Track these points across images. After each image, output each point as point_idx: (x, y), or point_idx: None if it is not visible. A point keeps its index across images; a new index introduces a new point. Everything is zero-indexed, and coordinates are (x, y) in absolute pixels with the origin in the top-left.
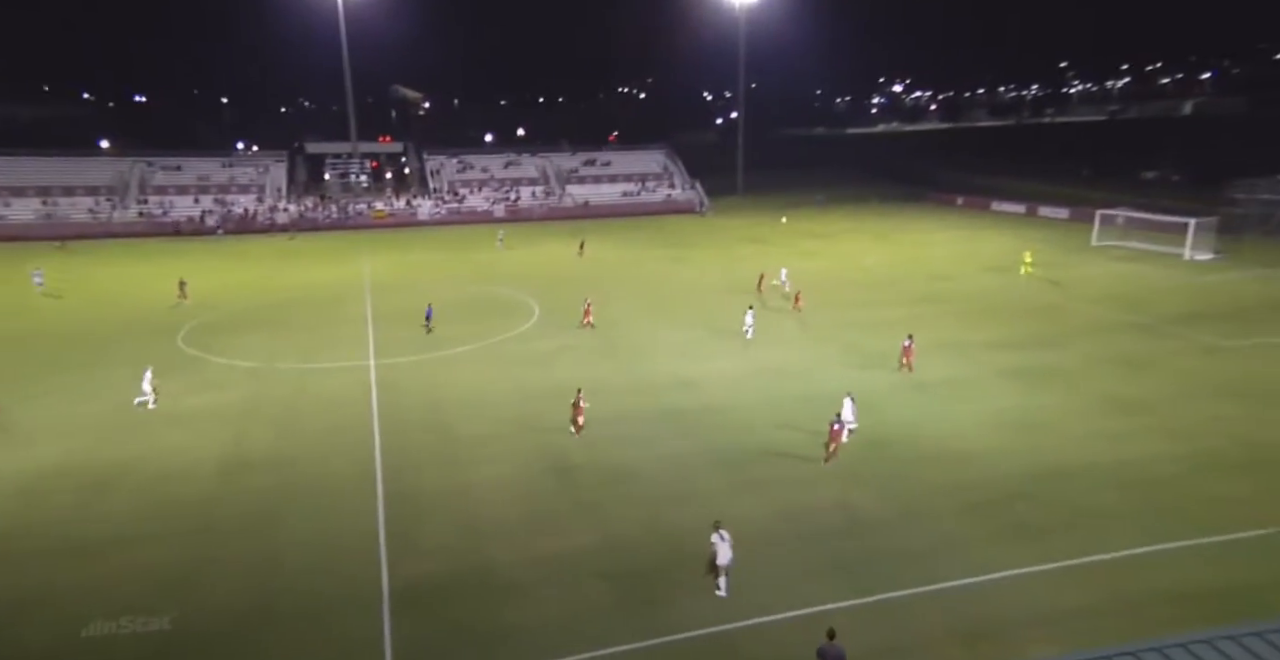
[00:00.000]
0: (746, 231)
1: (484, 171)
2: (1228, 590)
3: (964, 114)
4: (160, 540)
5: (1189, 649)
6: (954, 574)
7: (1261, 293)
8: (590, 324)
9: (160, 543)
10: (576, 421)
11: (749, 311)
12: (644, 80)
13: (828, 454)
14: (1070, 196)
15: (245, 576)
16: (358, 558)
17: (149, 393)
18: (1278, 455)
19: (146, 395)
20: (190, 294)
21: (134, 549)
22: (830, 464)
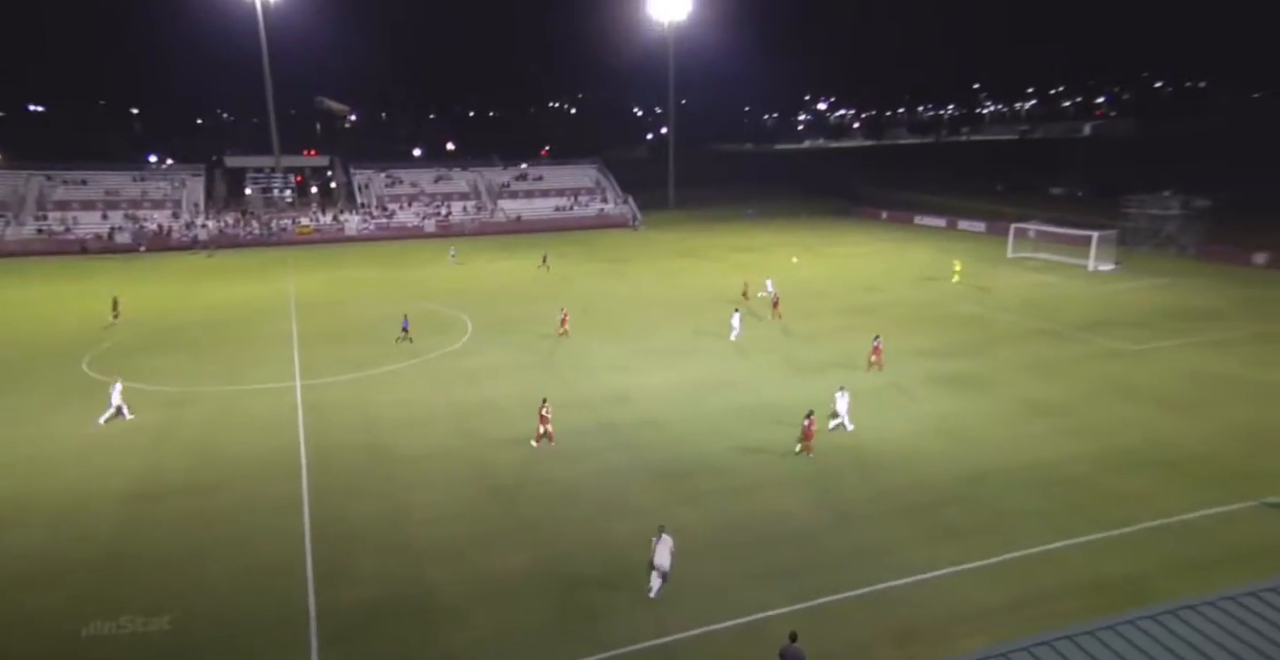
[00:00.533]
0: (680, 246)
1: (414, 186)
2: (1131, 579)
3: (886, 132)
4: (63, 579)
5: (1096, 636)
6: (887, 576)
7: (1155, 300)
8: (566, 332)
9: (63, 582)
10: (542, 431)
11: (735, 314)
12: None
13: (804, 446)
14: (986, 211)
15: (158, 612)
16: (284, 587)
17: (115, 404)
18: (1174, 452)
19: (112, 408)
20: (124, 312)
21: (34, 590)
22: (807, 455)
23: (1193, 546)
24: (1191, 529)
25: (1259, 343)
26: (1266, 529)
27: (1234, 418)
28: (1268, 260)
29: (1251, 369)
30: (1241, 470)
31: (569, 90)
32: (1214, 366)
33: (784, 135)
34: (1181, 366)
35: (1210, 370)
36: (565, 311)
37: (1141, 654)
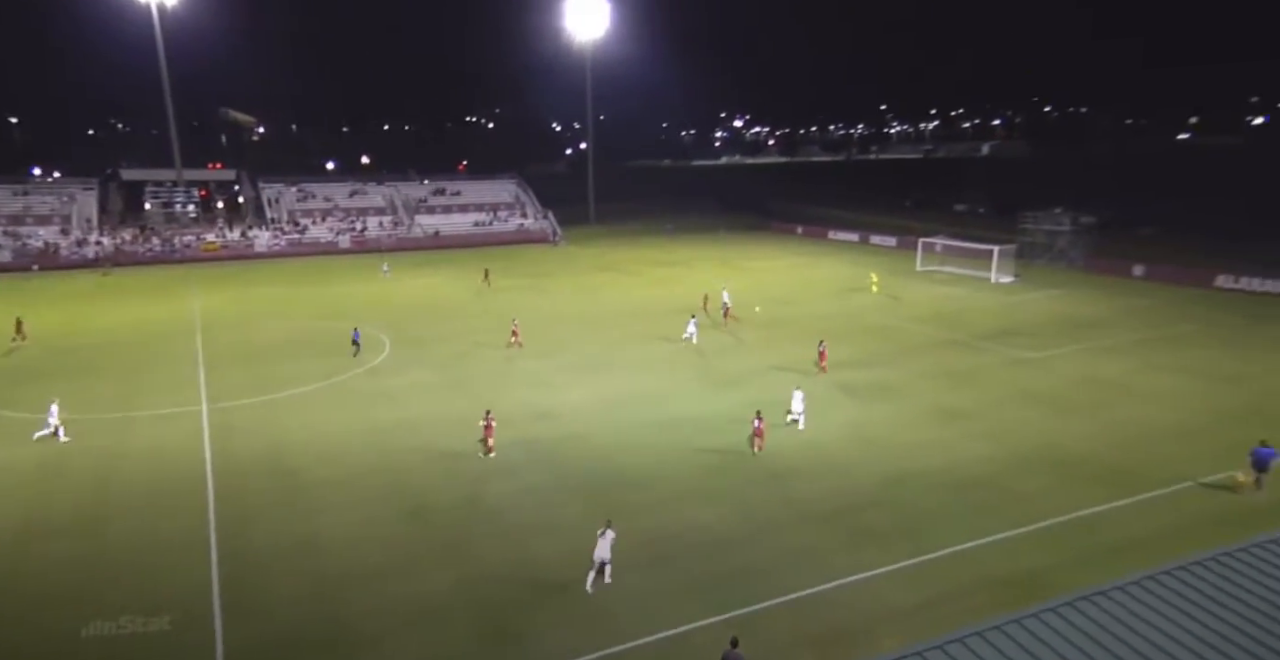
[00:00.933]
0: (601, 260)
1: (327, 201)
2: (1036, 573)
3: (799, 149)
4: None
5: (1003, 630)
6: (808, 583)
7: (1051, 310)
8: (519, 343)
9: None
10: (487, 443)
11: (692, 320)
12: (493, 110)
13: (756, 445)
14: (896, 226)
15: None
16: (188, 625)
17: (52, 424)
18: (1070, 452)
19: (50, 426)
20: (28, 333)
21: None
22: (757, 452)
23: (1089, 540)
24: (1087, 524)
25: (1142, 348)
26: (1151, 521)
27: (1122, 418)
28: (1145, 272)
29: (1137, 373)
30: (1129, 467)
31: (487, 105)
32: (1104, 371)
33: (701, 151)
34: (1075, 372)
35: (1100, 375)
36: (517, 322)
37: (1044, 645)
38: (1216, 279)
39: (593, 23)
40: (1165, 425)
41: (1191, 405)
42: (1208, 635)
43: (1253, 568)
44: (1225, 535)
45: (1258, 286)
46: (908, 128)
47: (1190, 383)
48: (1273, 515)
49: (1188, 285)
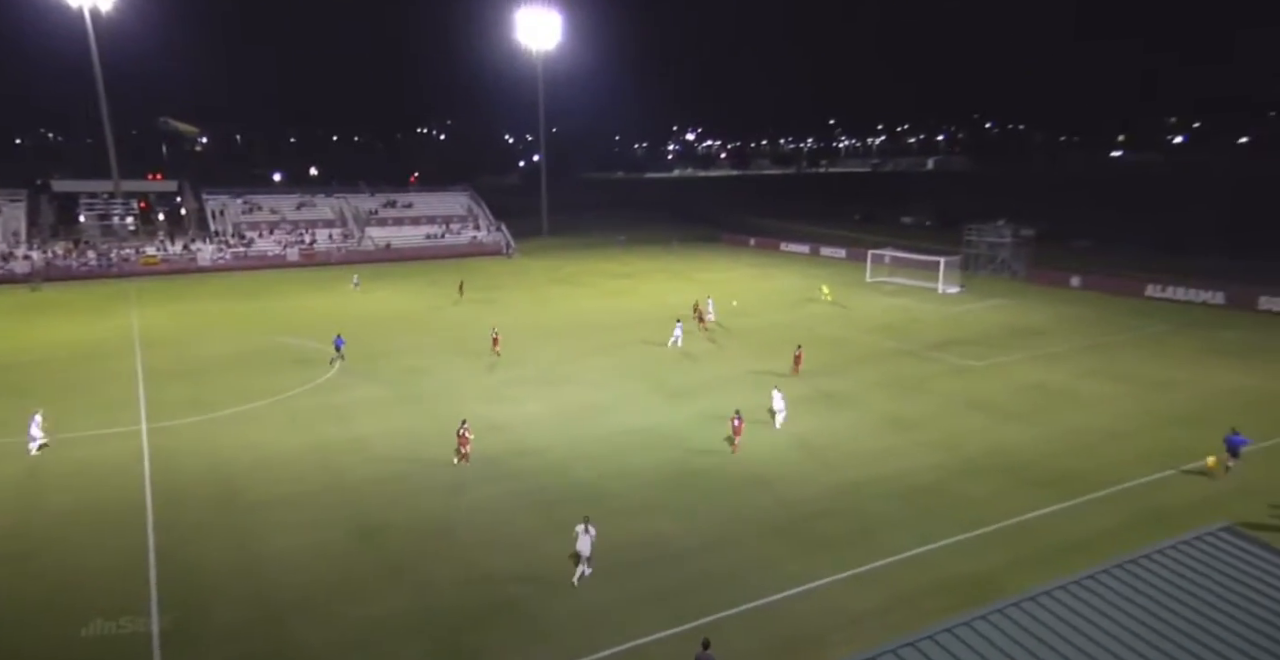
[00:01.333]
0: (554, 273)
1: (274, 213)
2: (983, 576)
3: (751, 162)
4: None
5: (953, 632)
6: (763, 592)
7: (995, 320)
8: (498, 353)
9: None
10: (461, 451)
11: (678, 325)
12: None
13: (734, 445)
14: (846, 238)
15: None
16: (123, 657)
17: (38, 437)
18: (1014, 458)
19: (36, 439)
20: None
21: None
22: (734, 452)
23: (1035, 541)
24: (1033, 526)
25: (1081, 356)
26: (1092, 522)
27: (1064, 424)
28: (1082, 282)
29: (1076, 380)
30: (1071, 470)
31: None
32: (1045, 378)
33: (654, 164)
34: (1019, 379)
35: (1042, 382)
36: (497, 331)
37: (991, 645)
38: (1146, 289)
39: (544, 35)
40: (1104, 429)
41: (1127, 410)
42: (1144, 632)
43: (1189, 560)
44: (1161, 532)
45: (1182, 296)
46: (856, 142)
47: (1126, 388)
48: (1205, 511)
49: (1121, 295)
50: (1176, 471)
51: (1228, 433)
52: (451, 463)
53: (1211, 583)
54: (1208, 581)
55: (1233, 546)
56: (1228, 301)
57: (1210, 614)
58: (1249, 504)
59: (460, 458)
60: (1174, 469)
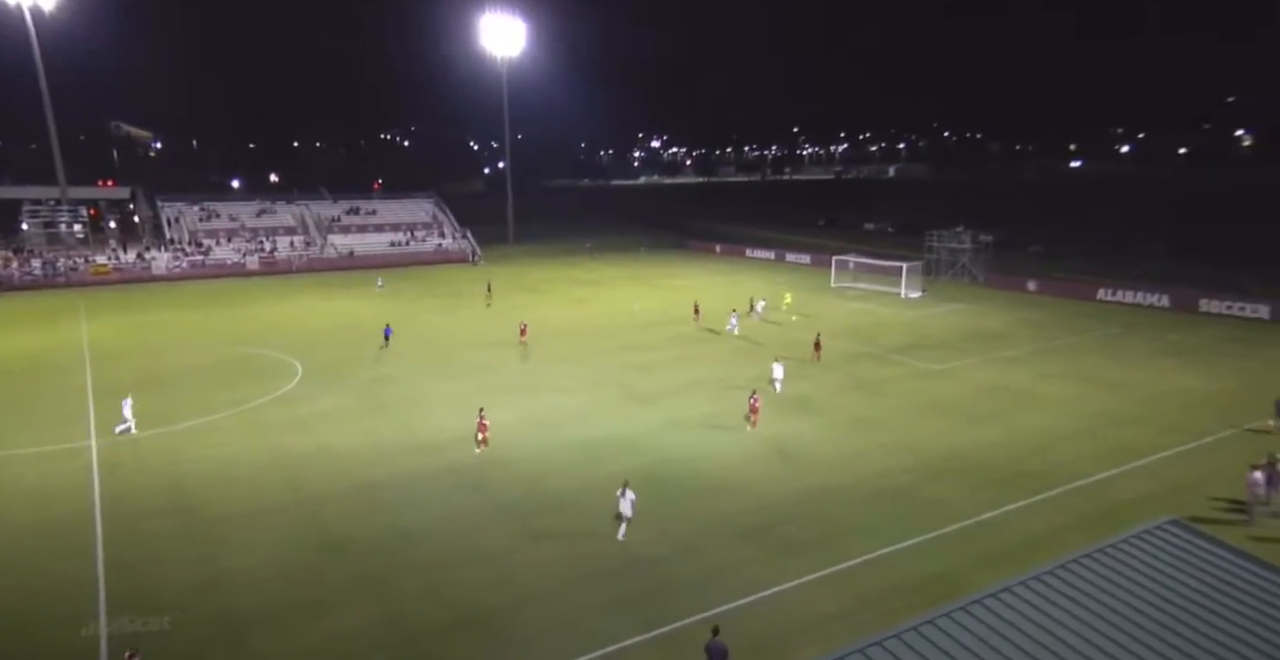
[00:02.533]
0: (521, 280)
1: (233, 220)
2: (944, 576)
3: (716, 169)
4: None
5: (918, 631)
6: (731, 597)
7: (956, 324)
8: (525, 343)
9: None
10: (480, 438)
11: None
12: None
13: (752, 422)
14: (811, 244)
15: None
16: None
17: (129, 419)
18: (976, 458)
19: (128, 422)
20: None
21: None
22: (755, 429)
23: (995, 540)
24: (989, 526)
25: (1038, 358)
26: (1051, 519)
27: (1022, 425)
28: (1038, 287)
29: (1034, 382)
30: (1030, 470)
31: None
32: (1004, 381)
33: (620, 171)
34: (978, 382)
35: (1002, 384)
36: (524, 324)
37: (955, 642)
38: (1098, 292)
39: (509, 42)
40: (1061, 430)
41: (1083, 410)
42: (1100, 624)
43: (1139, 554)
44: (1112, 527)
45: (1131, 299)
46: (819, 150)
47: (1080, 389)
48: (1152, 506)
49: (1074, 298)
50: (1127, 468)
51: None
52: (474, 452)
53: (1159, 574)
54: (1156, 573)
55: (1178, 539)
56: (1172, 304)
57: (1159, 604)
58: (1191, 498)
59: (480, 444)
60: (1125, 466)
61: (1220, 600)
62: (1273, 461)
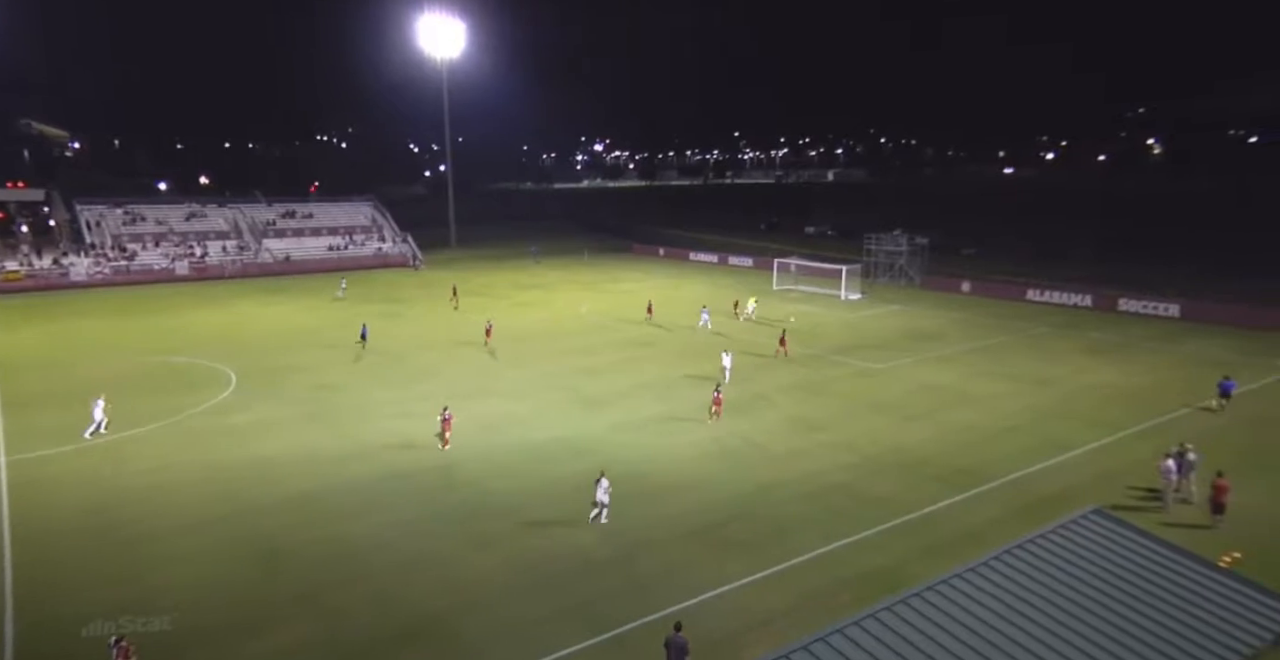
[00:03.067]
0: (464, 285)
1: (160, 224)
2: (888, 569)
3: (659, 173)
4: None
5: (860, 625)
6: (681, 598)
7: (894, 324)
8: (489, 343)
9: None
10: (444, 436)
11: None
12: (345, 129)
13: (715, 414)
14: (753, 247)
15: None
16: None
17: (100, 419)
18: (914, 455)
19: (97, 421)
20: None
21: None
22: (715, 421)
23: (934, 533)
24: (929, 520)
25: (971, 357)
26: (985, 512)
27: (957, 422)
28: (971, 288)
29: (967, 380)
30: (965, 465)
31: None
32: (940, 379)
33: (563, 174)
34: (916, 381)
35: (937, 383)
36: (490, 324)
37: (895, 635)
38: (1028, 293)
39: (448, 43)
40: (993, 426)
41: (1013, 407)
42: (1031, 612)
43: (1066, 542)
44: (1042, 518)
45: (1058, 299)
46: (759, 154)
47: (1011, 386)
48: (1076, 496)
49: (1005, 299)
50: (1054, 461)
51: (1220, 380)
52: (438, 448)
53: (1083, 561)
54: (1081, 560)
55: (1100, 527)
56: (1094, 304)
57: (1083, 589)
58: (1112, 487)
59: (444, 442)
60: (1053, 459)
61: (1136, 582)
62: (1182, 450)
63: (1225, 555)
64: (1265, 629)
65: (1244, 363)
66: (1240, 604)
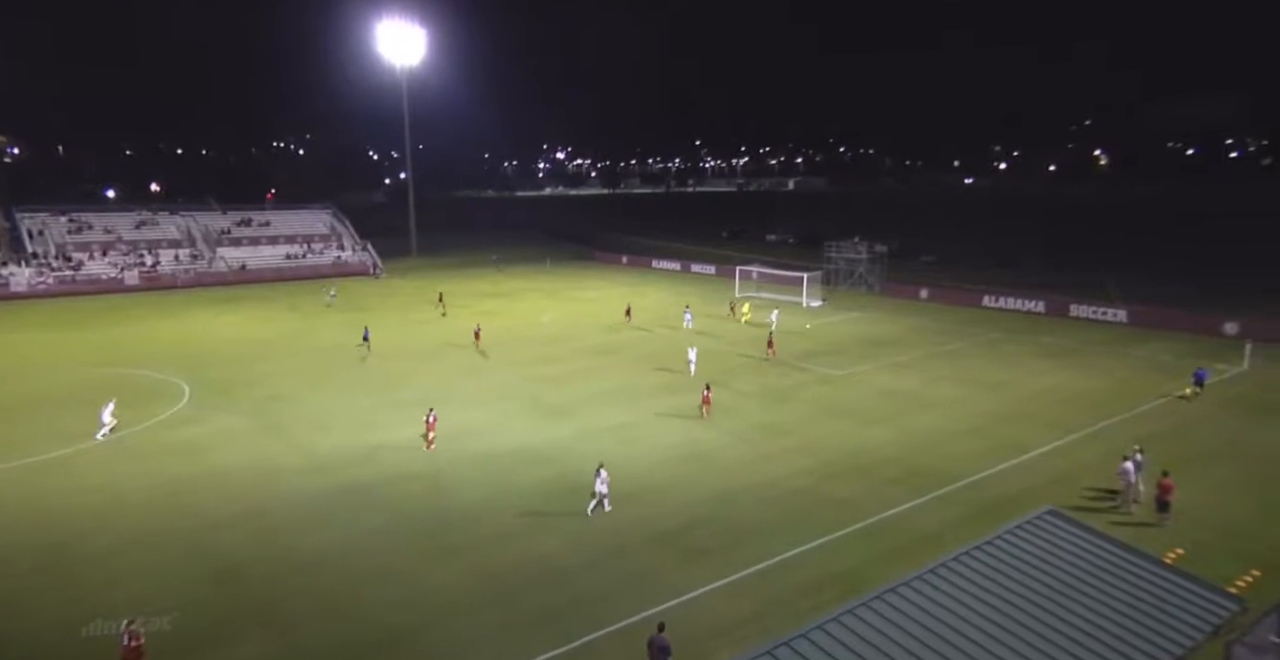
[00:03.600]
0: (425, 293)
1: (108, 232)
2: (850, 572)
3: (621, 181)
4: None
5: (824, 628)
6: (646, 605)
7: (854, 331)
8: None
9: None
10: (428, 437)
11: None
12: (302, 135)
13: (705, 412)
14: (715, 255)
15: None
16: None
17: (108, 423)
18: (875, 458)
19: (105, 426)
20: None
21: None
22: (707, 417)
23: (892, 538)
24: (889, 523)
25: (929, 362)
26: (943, 514)
27: (916, 426)
28: (929, 295)
29: (925, 385)
30: (924, 468)
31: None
32: (898, 385)
33: (525, 182)
34: (875, 386)
35: (896, 388)
36: (479, 328)
37: (858, 638)
38: (983, 299)
39: (408, 50)
40: (950, 429)
41: (969, 410)
42: (988, 612)
43: (1022, 542)
44: (998, 518)
45: (1012, 305)
46: (721, 163)
47: (967, 391)
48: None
49: (961, 306)
50: (1010, 464)
51: (1196, 369)
52: (424, 450)
53: (1039, 560)
54: (1036, 559)
55: (1055, 527)
56: (1047, 310)
57: (1039, 589)
58: (1066, 488)
59: (429, 444)
60: (1009, 462)
61: (1088, 580)
62: (1137, 452)
63: (1170, 553)
64: (1205, 622)
65: (1186, 366)
66: (1183, 598)
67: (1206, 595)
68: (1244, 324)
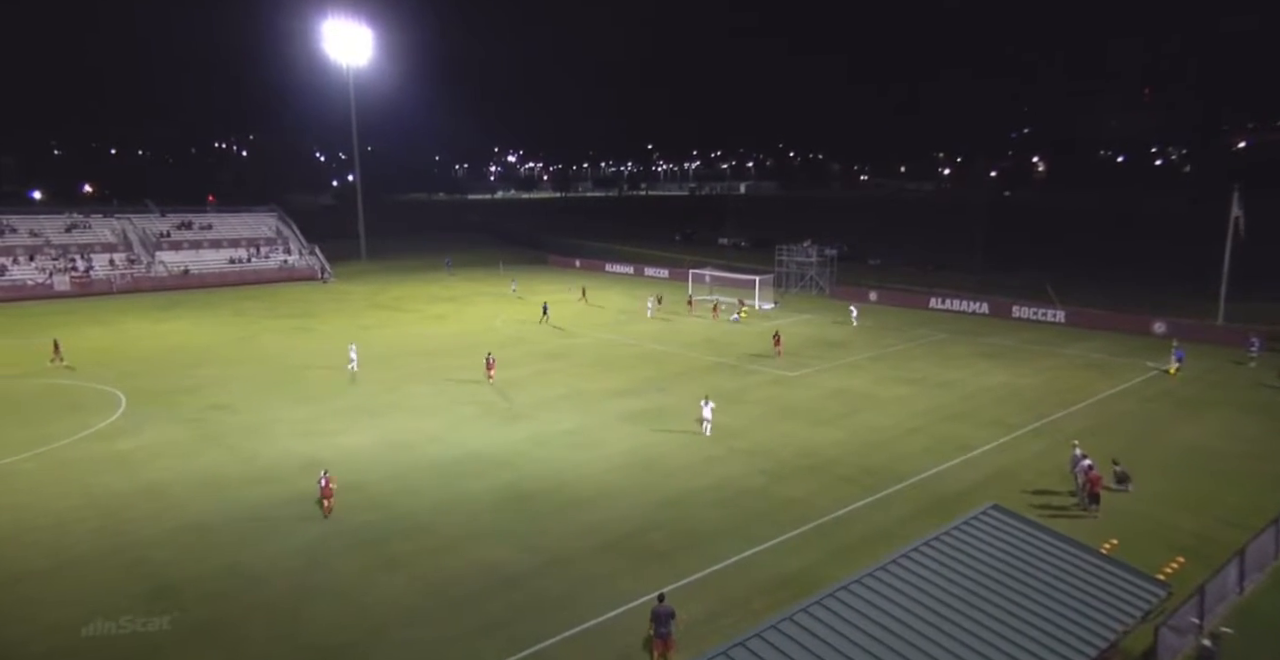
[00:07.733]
0: (375, 298)
1: (35, 236)
2: (804, 572)
3: (573, 185)
4: None
5: (778, 628)
6: (599, 611)
7: (805, 333)
8: (492, 377)
9: None
10: (324, 504)
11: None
12: (246, 136)
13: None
14: (667, 258)
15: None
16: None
17: None
18: (826, 458)
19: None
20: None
21: None
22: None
23: (844, 536)
24: (842, 521)
25: (878, 363)
26: (893, 511)
27: (865, 425)
28: (878, 297)
29: (874, 385)
30: (873, 466)
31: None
32: (848, 385)
33: (476, 185)
34: (826, 387)
35: (846, 388)
36: (492, 357)
37: (811, 636)
38: (930, 302)
39: (355, 50)
40: (898, 428)
41: (917, 409)
42: (938, 606)
43: (969, 538)
44: (946, 514)
45: (957, 306)
46: (673, 167)
47: (914, 390)
48: (981, 492)
49: (909, 307)
50: (956, 461)
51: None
52: (320, 518)
53: (984, 554)
54: (981, 554)
55: (998, 522)
56: (990, 311)
57: (984, 581)
58: (1008, 484)
59: (326, 511)
60: (954, 459)
61: (1030, 571)
62: (1075, 447)
63: (1105, 543)
64: (1136, 607)
65: (1118, 364)
66: (1117, 586)
67: (1138, 582)
68: (1170, 323)
